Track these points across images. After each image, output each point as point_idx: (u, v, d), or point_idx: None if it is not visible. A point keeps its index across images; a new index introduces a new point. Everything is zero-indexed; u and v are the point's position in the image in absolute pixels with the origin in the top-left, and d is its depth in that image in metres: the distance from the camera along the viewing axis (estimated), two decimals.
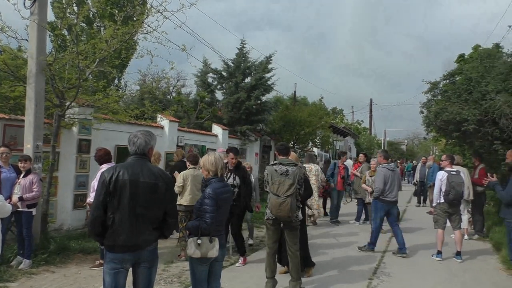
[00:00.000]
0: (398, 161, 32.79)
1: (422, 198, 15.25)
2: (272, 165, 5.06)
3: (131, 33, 6.66)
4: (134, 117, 8.64)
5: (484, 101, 8.66)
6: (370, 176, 8.92)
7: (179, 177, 6.37)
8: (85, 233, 7.20)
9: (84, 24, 14.31)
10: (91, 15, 14.57)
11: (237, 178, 6.09)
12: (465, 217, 8.45)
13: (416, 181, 15.84)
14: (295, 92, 23.93)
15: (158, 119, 11.02)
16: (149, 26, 6.68)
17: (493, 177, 6.16)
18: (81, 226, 7.89)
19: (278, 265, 5.39)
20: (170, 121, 10.92)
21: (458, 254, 6.86)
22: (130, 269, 3.12)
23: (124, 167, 3.05)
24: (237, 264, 6.17)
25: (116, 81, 16.53)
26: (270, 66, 16.24)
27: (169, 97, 18.57)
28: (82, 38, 12.76)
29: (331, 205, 10.72)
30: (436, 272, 6.18)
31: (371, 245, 7.43)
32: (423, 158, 16.70)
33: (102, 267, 3.14)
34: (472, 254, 7.26)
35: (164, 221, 3.18)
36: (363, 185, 9.18)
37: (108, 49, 6.46)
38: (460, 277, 5.92)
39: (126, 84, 17.80)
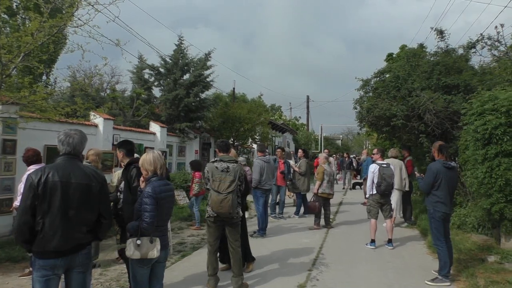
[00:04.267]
0: (334, 155, 34.06)
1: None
2: (213, 162, 5.06)
3: (59, 26, 6.29)
4: (64, 115, 8.17)
5: (410, 98, 9.25)
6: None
7: (114, 176, 6.13)
8: (12, 240, 6.70)
9: (6, 16, 13.25)
10: (14, 6, 13.52)
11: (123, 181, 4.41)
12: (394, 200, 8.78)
13: None
14: (234, 89, 24.07)
15: (92, 117, 10.54)
16: (79, 19, 6.37)
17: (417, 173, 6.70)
18: (7, 233, 7.33)
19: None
20: (105, 119, 10.49)
21: (390, 241, 7.30)
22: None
23: (53, 168, 2.89)
24: None
25: (44, 77, 15.51)
26: (209, 63, 16.15)
27: (103, 94, 17.86)
28: (5, 31, 11.82)
29: (270, 200, 10.87)
30: (370, 259, 6.52)
31: (261, 231, 8.02)
32: (326, 150, 15.23)
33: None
34: (402, 241, 7.75)
35: (98, 223, 3.06)
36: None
37: (34, 42, 6.05)
38: (392, 262, 6.30)
39: (55, 81, 16.73)
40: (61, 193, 2.82)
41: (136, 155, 4.74)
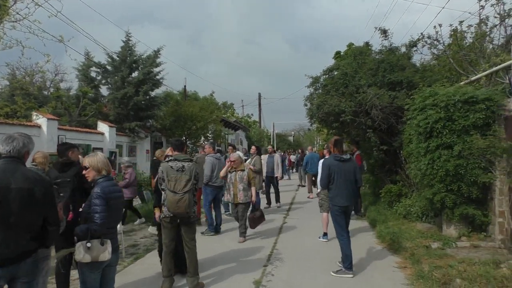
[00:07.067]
0: (287, 151, 34.70)
1: (271, 196, 11.79)
2: (167, 161, 4.95)
3: None
4: (3, 116, 7.70)
5: (358, 94, 9.57)
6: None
7: None
8: None
9: None
10: None
11: None
12: None
13: (264, 177, 11.19)
14: (185, 86, 23.72)
15: (34, 117, 10.01)
16: (18, 13, 6.02)
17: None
18: None
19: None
20: (48, 119, 10.00)
21: None
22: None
23: None
24: None
25: None
26: (158, 60, 15.82)
27: (46, 93, 16.98)
28: None
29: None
30: (323, 252, 6.71)
31: (210, 226, 8.07)
32: (270, 147, 12.75)
33: None
34: (353, 233, 7.98)
35: (43, 229, 2.90)
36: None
37: None
38: None
39: None
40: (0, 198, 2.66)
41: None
